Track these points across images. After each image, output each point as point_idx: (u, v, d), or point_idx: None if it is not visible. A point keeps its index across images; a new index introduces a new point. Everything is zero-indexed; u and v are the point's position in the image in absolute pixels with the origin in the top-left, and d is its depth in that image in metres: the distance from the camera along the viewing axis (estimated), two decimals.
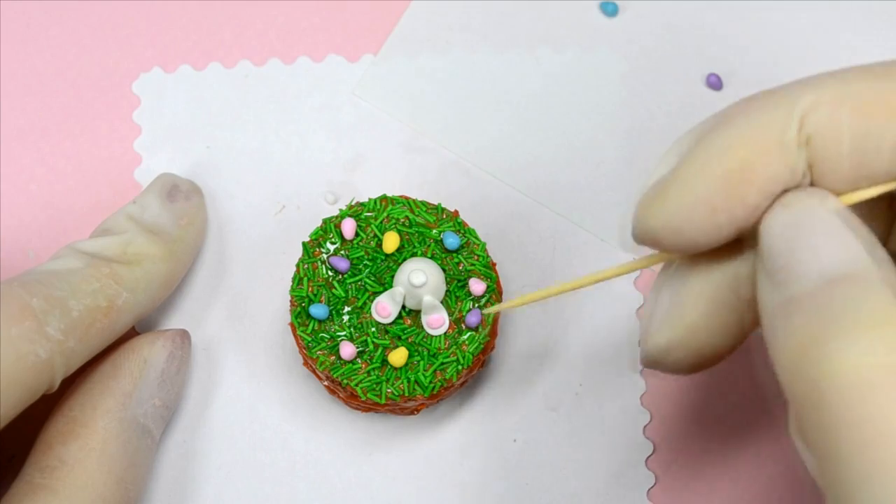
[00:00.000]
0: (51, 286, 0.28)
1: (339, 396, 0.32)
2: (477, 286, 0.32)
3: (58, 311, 0.28)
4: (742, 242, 0.24)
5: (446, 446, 0.34)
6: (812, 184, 0.23)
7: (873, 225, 0.26)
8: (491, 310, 0.30)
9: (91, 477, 0.28)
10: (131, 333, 0.33)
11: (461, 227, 0.33)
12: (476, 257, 0.32)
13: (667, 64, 0.39)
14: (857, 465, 0.19)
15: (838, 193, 0.23)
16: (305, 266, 0.32)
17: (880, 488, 0.19)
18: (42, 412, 0.30)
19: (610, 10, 0.39)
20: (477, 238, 0.33)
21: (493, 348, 0.33)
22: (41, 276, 0.29)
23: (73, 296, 0.28)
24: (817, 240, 0.22)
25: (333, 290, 0.32)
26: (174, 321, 0.34)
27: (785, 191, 0.23)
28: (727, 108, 0.24)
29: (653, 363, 0.26)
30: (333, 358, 0.31)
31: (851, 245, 0.21)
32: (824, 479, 0.20)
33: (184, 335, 0.32)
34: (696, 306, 0.25)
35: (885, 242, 0.26)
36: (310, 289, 0.32)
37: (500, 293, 0.32)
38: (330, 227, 0.32)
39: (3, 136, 0.37)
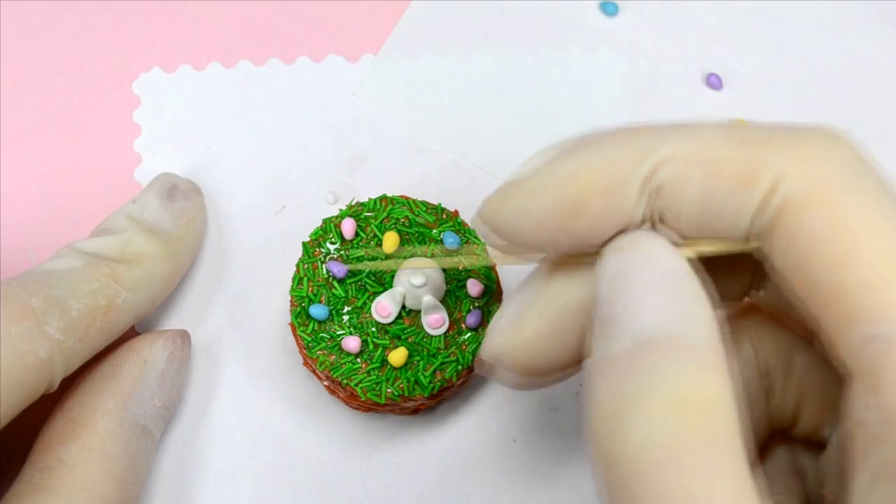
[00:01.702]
0: (50, 286, 0.28)
1: (339, 396, 0.32)
2: (474, 287, 0.32)
3: (57, 310, 0.28)
4: None
5: (446, 446, 0.34)
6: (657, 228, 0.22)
7: (739, 278, 0.25)
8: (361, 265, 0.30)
9: (90, 477, 0.28)
10: (131, 333, 0.33)
11: (461, 227, 0.33)
12: (476, 257, 0.32)
13: (667, 64, 0.39)
14: None
15: (682, 242, 0.22)
16: (305, 266, 0.32)
17: None
18: (42, 412, 0.29)
19: (610, 10, 0.39)
20: (477, 238, 0.33)
21: None
22: (41, 276, 0.28)
23: (73, 295, 0.28)
24: (640, 293, 0.21)
25: (333, 290, 0.32)
26: (174, 321, 0.34)
27: (625, 230, 0.22)
28: (599, 131, 0.23)
29: (486, 368, 0.25)
30: (333, 358, 0.31)
31: (674, 303, 0.20)
32: None
33: (184, 335, 0.32)
34: (539, 317, 0.24)
35: (750, 292, 0.26)
36: (310, 289, 0.32)
37: (501, 294, 0.32)
38: (330, 227, 0.32)
39: (3, 136, 0.37)
